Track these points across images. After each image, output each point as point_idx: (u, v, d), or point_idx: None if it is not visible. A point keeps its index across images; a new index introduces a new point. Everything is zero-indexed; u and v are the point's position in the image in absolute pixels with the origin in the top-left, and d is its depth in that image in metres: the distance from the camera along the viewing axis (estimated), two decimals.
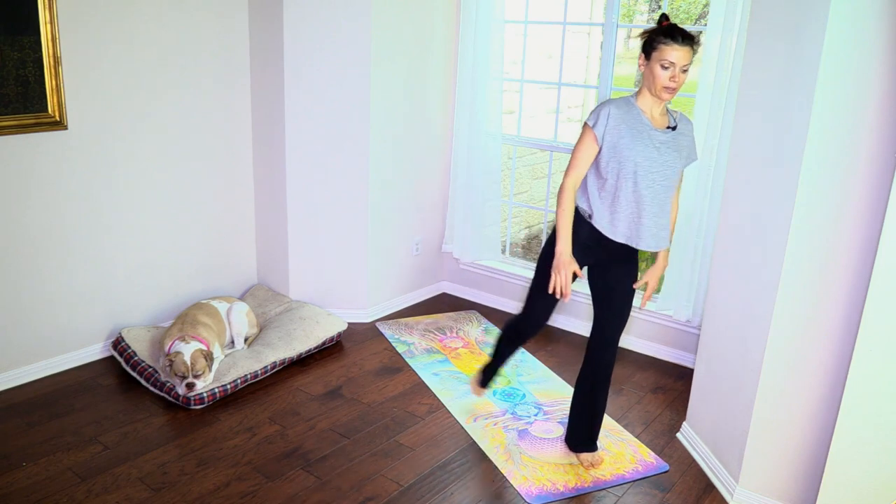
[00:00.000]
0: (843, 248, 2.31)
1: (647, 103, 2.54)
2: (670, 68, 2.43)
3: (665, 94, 2.47)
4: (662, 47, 2.43)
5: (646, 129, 2.52)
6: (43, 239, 3.30)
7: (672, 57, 2.41)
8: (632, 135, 2.50)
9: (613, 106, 2.53)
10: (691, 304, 3.70)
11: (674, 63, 2.42)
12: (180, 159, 3.75)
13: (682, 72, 2.44)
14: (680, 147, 2.58)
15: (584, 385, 2.86)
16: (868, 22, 2.14)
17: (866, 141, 2.21)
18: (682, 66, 2.43)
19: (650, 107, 2.54)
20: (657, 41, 2.44)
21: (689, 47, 2.43)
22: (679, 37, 2.41)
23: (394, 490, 2.72)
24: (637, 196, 2.54)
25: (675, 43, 2.41)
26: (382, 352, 3.84)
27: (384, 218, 4.16)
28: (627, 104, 2.54)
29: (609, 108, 2.52)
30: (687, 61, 2.43)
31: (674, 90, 2.46)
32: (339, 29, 3.74)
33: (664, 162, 2.53)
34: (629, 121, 2.51)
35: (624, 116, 2.51)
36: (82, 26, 3.23)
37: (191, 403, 3.16)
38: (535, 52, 5.69)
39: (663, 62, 2.43)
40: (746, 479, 2.67)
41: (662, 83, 2.45)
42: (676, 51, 2.41)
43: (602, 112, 2.52)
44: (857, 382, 2.22)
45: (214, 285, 4.06)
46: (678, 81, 2.44)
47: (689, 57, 2.43)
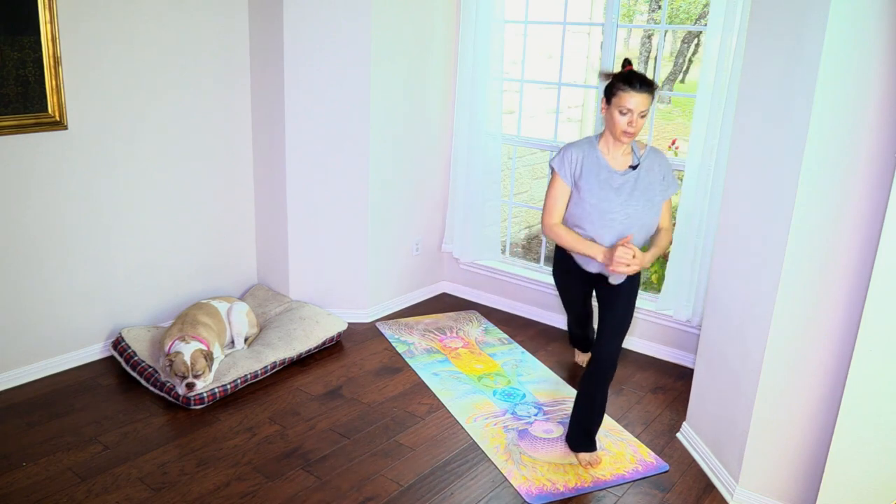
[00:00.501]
0: (843, 248, 2.31)
1: (608, 145, 2.71)
2: (628, 114, 2.57)
3: (624, 138, 2.62)
4: (621, 94, 2.57)
5: (604, 172, 2.69)
6: (43, 239, 3.30)
7: (630, 104, 2.56)
8: (589, 177, 2.69)
9: (575, 148, 2.72)
10: (691, 304, 3.70)
11: (631, 110, 2.56)
12: (180, 159, 3.75)
13: (640, 117, 2.58)
14: (643, 185, 2.71)
15: (586, 381, 2.89)
16: (868, 22, 2.14)
17: (866, 141, 2.21)
18: (640, 112, 2.57)
19: (611, 149, 2.71)
20: (617, 87, 2.58)
21: (646, 94, 2.56)
22: (637, 84, 2.54)
23: (394, 490, 2.72)
24: (600, 234, 2.71)
25: (632, 90, 2.55)
26: (382, 352, 3.84)
27: (384, 218, 4.16)
28: (590, 146, 2.72)
29: (571, 152, 2.71)
30: (645, 107, 2.57)
31: (632, 134, 2.61)
32: (339, 29, 3.74)
33: (622, 202, 2.68)
34: (588, 164, 2.69)
35: (584, 160, 2.70)
36: (82, 26, 3.23)
37: (191, 403, 3.16)
38: (535, 52, 5.69)
39: (622, 108, 2.57)
40: (746, 479, 2.67)
41: (621, 128, 2.60)
42: (634, 98, 2.55)
43: (566, 156, 2.72)
44: (857, 382, 2.22)
45: (214, 285, 4.07)
46: (636, 126, 2.59)
47: (647, 103, 2.57)
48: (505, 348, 3.94)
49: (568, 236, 2.76)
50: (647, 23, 9.29)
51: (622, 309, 2.85)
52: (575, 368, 3.76)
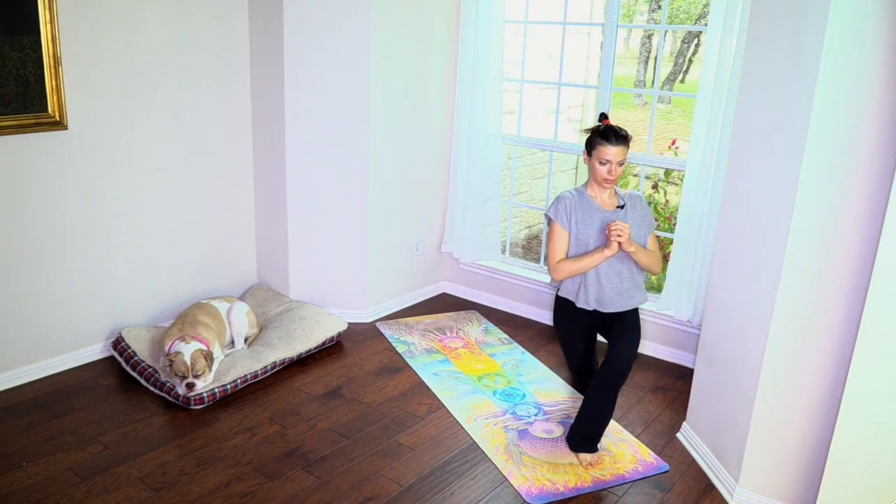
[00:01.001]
0: (843, 248, 2.31)
1: (595, 190, 3.06)
2: (607, 164, 2.92)
3: (605, 184, 2.98)
4: (599, 147, 2.92)
5: (596, 212, 3.02)
6: (43, 239, 3.30)
7: (608, 155, 2.91)
8: (583, 218, 3.02)
9: (567, 198, 3.05)
10: (692, 304, 3.70)
11: (609, 160, 2.91)
12: (180, 159, 3.75)
13: (619, 165, 2.92)
14: (632, 221, 3.05)
15: (597, 389, 2.92)
16: (868, 22, 2.14)
17: (866, 141, 2.21)
18: (618, 161, 2.92)
19: (598, 193, 3.06)
20: (596, 141, 2.93)
21: (622, 146, 2.90)
22: (613, 138, 2.89)
23: (394, 490, 2.72)
24: (594, 269, 3.02)
25: (609, 144, 2.90)
26: (382, 352, 3.84)
27: (384, 218, 4.16)
28: (580, 193, 3.07)
29: (564, 200, 3.05)
30: (622, 157, 2.91)
31: (612, 181, 2.96)
32: (339, 29, 3.74)
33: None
34: (581, 208, 3.03)
35: (577, 205, 3.03)
36: (82, 26, 3.23)
37: (191, 403, 3.16)
38: (535, 52, 5.68)
39: (601, 160, 2.92)
40: (746, 479, 2.67)
41: (602, 176, 2.95)
42: (611, 150, 2.90)
43: (560, 204, 3.05)
44: (857, 382, 2.22)
45: (214, 285, 4.07)
46: (615, 174, 2.94)
47: (623, 154, 2.91)
48: (505, 348, 3.94)
49: (575, 262, 3.03)
50: (647, 23, 9.29)
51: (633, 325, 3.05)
52: None
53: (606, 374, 2.90)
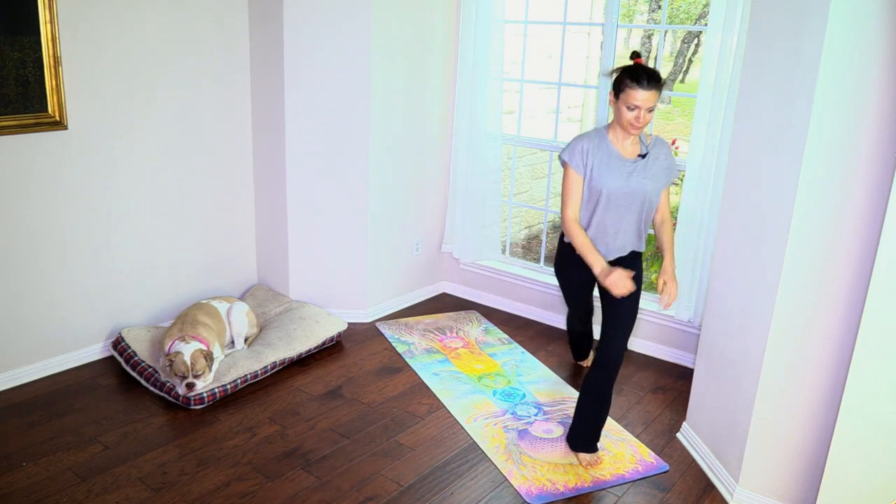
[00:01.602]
0: (843, 248, 2.31)
1: (617, 136, 2.76)
2: (635, 110, 2.62)
3: (632, 131, 2.68)
4: (629, 90, 2.60)
5: (615, 160, 2.75)
6: (43, 239, 3.30)
7: (637, 100, 2.60)
8: (601, 165, 2.74)
9: (585, 140, 2.76)
10: (692, 304, 3.70)
11: (639, 106, 2.61)
12: (180, 159, 3.75)
13: (648, 111, 2.62)
14: (651, 172, 2.78)
15: (589, 383, 2.88)
16: (868, 22, 2.14)
17: (866, 141, 2.21)
18: (648, 108, 2.61)
19: (620, 139, 2.76)
20: (625, 83, 2.61)
21: (654, 90, 2.60)
22: (644, 81, 2.58)
23: (394, 490, 2.72)
24: (604, 217, 2.80)
25: (640, 87, 2.58)
26: (382, 352, 3.84)
27: (384, 218, 4.16)
28: (599, 137, 2.77)
29: (581, 143, 2.75)
30: (652, 103, 2.61)
31: (639, 128, 2.66)
32: (338, 29, 3.74)
33: (633, 189, 2.76)
34: (600, 153, 2.75)
35: (595, 150, 2.75)
36: (82, 26, 3.23)
37: (191, 403, 3.16)
38: (535, 52, 5.68)
39: (629, 104, 2.61)
40: (746, 479, 2.67)
41: (628, 122, 2.65)
42: (641, 94, 2.59)
43: (575, 147, 2.76)
44: (857, 382, 2.22)
45: (214, 285, 4.07)
46: (643, 121, 2.64)
47: (654, 99, 2.61)
48: (505, 348, 3.94)
49: (580, 238, 2.80)
50: (647, 23, 9.29)
51: (627, 308, 2.85)
52: (575, 368, 3.76)
53: (598, 372, 2.85)
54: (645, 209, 2.83)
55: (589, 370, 2.92)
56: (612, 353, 2.83)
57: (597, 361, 2.87)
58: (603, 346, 2.86)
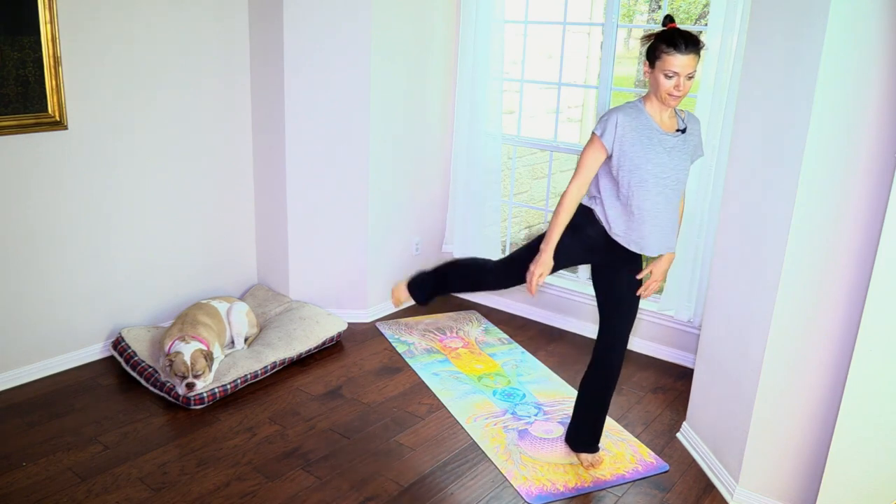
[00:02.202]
0: (843, 248, 2.31)
1: (655, 108, 2.52)
2: (674, 77, 2.40)
3: (671, 102, 2.45)
4: (665, 57, 2.39)
5: (656, 134, 2.49)
6: (43, 239, 3.30)
7: (675, 66, 2.38)
8: (642, 142, 2.47)
9: (622, 113, 2.49)
10: (692, 304, 3.70)
11: (677, 73, 2.39)
12: (180, 159, 3.75)
13: (688, 79, 2.41)
14: (689, 149, 2.58)
15: (590, 384, 2.85)
16: (868, 22, 2.14)
17: (866, 141, 2.21)
18: (688, 74, 2.40)
19: (659, 112, 2.52)
20: (660, 49, 2.40)
21: (693, 55, 2.38)
22: (682, 45, 2.36)
23: (394, 490, 2.72)
24: (649, 203, 2.52)
25: (677, 52, 2.37)
26: (382, 352, 3.84)
27: (384, 218, 4.16)
28: (636, 110, 2.50)
29: (617, 117, 2.48)
30: (692, 69, 2.39)
31: (679, 97, 2.44)
32: (338, 29, 3.74)
33: (674, 166, 2.52)
34: (639, 128, 2.48)
35: (633, 123, 2.48)
36: (82, 26, 3.23)
37: (191, 403, 3.16)
38: (535, 52, 5.68)
39: (667, 72, 2.40)
40: (746, 479, 2.67)
41: (667, 91, 2.42)
42: (679, 59, 2.37)
43: (610, 121, 2.48)
44: (857, 382, 2.22)
45: (214, 285, 4.06)
46: (683, 90, 2.42)
47: (693, 64, 2.39)
48: (505, 348, 3.94)
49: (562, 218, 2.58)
50: (647, 23, 9.29)
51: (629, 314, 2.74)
52: (575, 369, 3.74)
53: (600, 377, 2.80)
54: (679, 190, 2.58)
55: (587, 372, 2.87)
56: (615, 359, 2.78)
57: (596, 361, 2.83)
58: (604, 351, 2.78)
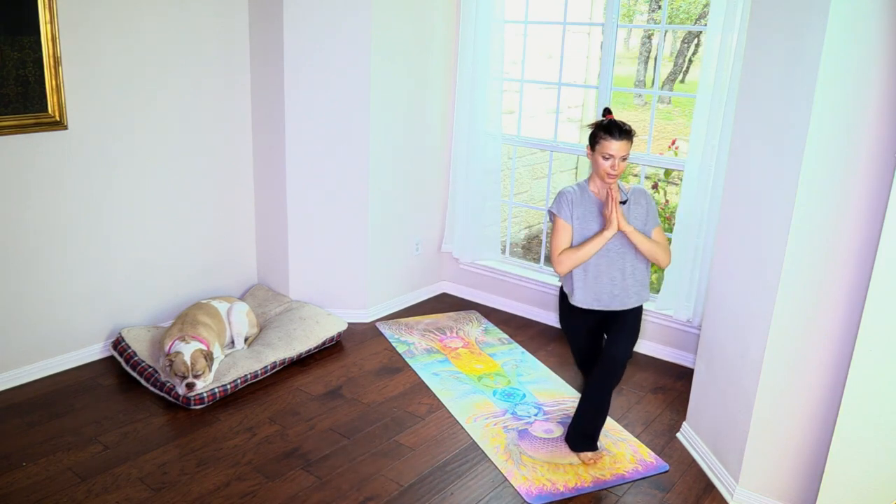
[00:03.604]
0: (843, 248, 2.31)
1: (597, 185, 2.90)
2: (610, 159, 2.78)
3: (609, 179, 2.82)
4: (602, 142, 2.78)
5: (596, 207, 2.89)
6: (43, 239, 3.30)
7: (611, 150, 2.76)
8: (584, 215, 2.89)
9: (570, 192, 2.92)
10: (692, 304, 3.70)
11: (613, 155, 2.76)
12: (180, 159, 3.75)
13: (622, 160, 2.79)
14: (633, 215, 2.89)
15: (593, 386, 2.90)
16: (868, 22, 2.14)
17: (866, 141, 2.21)
18: (621, 157, 2.78)
19: (600, 188, 2.89)
20: (599, 136, 2.80)
21: (626, 141, 2.77)
22: (616, 133, 2.75)
23: (394, 490, 2.72)
24: (598, 264, 2.88)
25: (612, 139, 2.75)
26: (382, 352, 3.84)
27: (384, 218, 4.16)
28: (581, 189, 2.92)
29: (566, 195, 2.92)
30: (625, 152, 2.77)
31: (615, 176, 2.81)
32: (338, 29, 3.74)
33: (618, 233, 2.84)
34: (583, 203, 2.90)
35: (579, 200, 2.90)
36: (82, 26, 3.23)
37: (191, 403, 3.16)
38: (535, 52, 5.68)
39: (604, 154, 2.78)
40: (746, 479, 2.67)
41: (605, 171, 2.79)
42: (614, 145, 2.75)
43: (562, 199, 2.92)
44: (857, 382, 2.22)
45: (214, 285, 4.07)
46: (618, 169, 2.80)
47: (626, 148, 2.78)
48: (505, 348, 3.94)
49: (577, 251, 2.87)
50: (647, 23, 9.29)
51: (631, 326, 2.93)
52: (575, 369, 3.75)
53: (599, 374, 2.89)
54: (633, 253, 2.90)
55: (592, 370, 2.94)
56: (617, 356, 2.85)
57: (599, 364, 2.88)
58: (609, 348, 2.88)
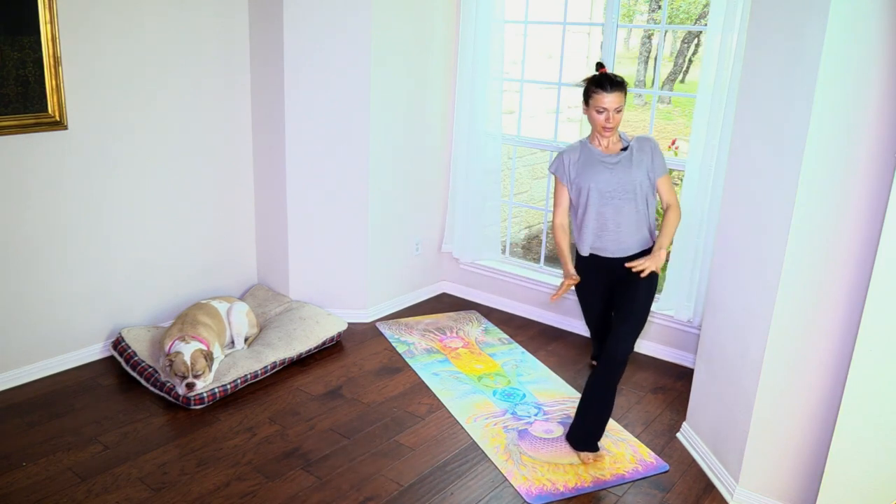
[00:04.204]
0: (843, 248, 2.31)
1: (597, 139, 2.93)
2: (604, 112, 2.80)
3: (605, 133, 2.85)
4: (595, 96, 2.80)
5: (597, 158, 2.90)
6: (43, 239, 3.30)
7: (604, 103, 2.78)
8: (585, 168, 2.91)
9: (569, 151, 2.96)
10: (692, 304, 3.70)
11: (606, 108, 2.79)
12: (180, 159, 3.75)
13: (617, 112, 2.80)
14: (636, 162, 2.88)
15: (596, 384, 2.89)
16: (868, 21, 2.14)
17: (866, 141, 2.21)
18: (616, 109, 2.79)
19: (600, 141, 2.92)
20: (591, 90, 2.81)
21: (618, 92, 2.78)
22: (608, 85, 2.77)
23: (394, 490, 2.72)
24: (598, 213, 2.90)
25: (604, 91, 2.77)
26: (382, 352, 3.84)
27: (384, 218, 4.16)
28: (581, 145, 2.95)
29: (565, 156, 2.95)
30: (618, 104, 2.79)
31: (611, 129, 2.83)
32: (339, 29, 3.74)
33: (619, 179, 2.87)
34: (583, 158, 2.93)
35: (578, 156, 2.93)
36: (82, 26, 3.23)
37: (191, 403, 3.16)
38: (535, 52, 5.68)
39: (597, 108, 2.80)
40: (746, 479, 2.67)
41: (601, 124, 2.82)
42: (607, 97, 2.77)
43: (561, 161, 2.95)
44: (857, 382, 2.22)
45: (214, 285, 4.06)
46: (613, 122, 2.81)
47: (620, 100, 2.79)
48: (505, 348, 3.94)
49: (561, 243, 3.03)
50: (647, 23, 9.29)
51: (639, 308, 2.90)
52: (575, 368, 3.75)
53: (602, 371, 2.87)
54: (641, 200, 2.90)
55: (594, 369, 2.94)
56: (619, 353, 2.84)
57: (603, 360, 2.87)
58: (610, 344, 2.86)
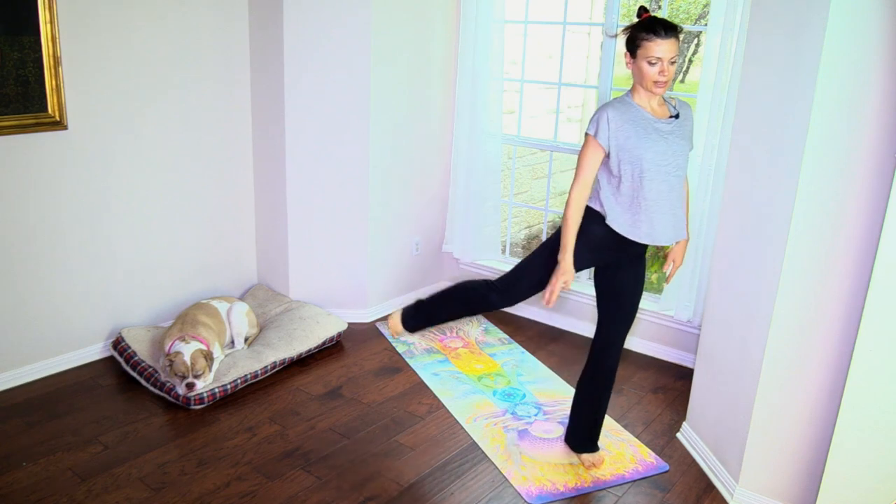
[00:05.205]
0: (843, 247, 2.31)
1: (643, 98, 2.51)
2: (658, 63, 2.40)
3: (657, 89, 2.44)
4: (646, 44, 2.39)
5: (650, 123, 2.48)
6: (43, 239, 3.30)
7: (658, 52, 2.38)
8: (637, 133, 2.46)
9: (611, 109, 2.48)
10: (692, 303, 3.70)
11: (661, 58, 2.38)
12: (180, 159, 3.75)
13: (671, 63, 2.40)
14: (685, 133, 2.56)
15: (587, 385, 2.85)
16: (868, 21, 2.14)
17: (866, 141, 2.21)
18: (670, 59, 2.39)
19: (647, 101, 2.51)
20: (640, 38, 2.40)
21: (673, 38, 2.38)
22: (661, 30, 2.36)
23: (394, 490, 2.72)
24: (653, 192, 2.49)
25: (658, 38, 2.37)
26: (382, 352, 3.84)
27: (384, 218, 4.16)
28: (625, 104, 2.50)
29: (607, 113, 2.47)
30: (673, 53, 2.38)
31: (665, 83, 2.43)
32: (339, 29, 3.74)
33: (674, 152, 2.50)
34: (631, 120, 2.47)
35: (624, 117, 2.47)
36: (82, 26, 3.23)
37: (191, 403, 3.16)
38: (535, 52, 5.68)
39: (650, 59, 2.40)
40: (746, 479, 2.67)
41: (653, 78, 2.42)
42: (661, 45, 2.37)
43: (601, 118, 2.47)
44: (857, 382, 2.22)
45: (214, 285, 4.06)
46: (668, 74, 2.41)
47: (675, 48, 2.38)
48: (505, 348, 3.94)
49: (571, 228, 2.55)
50: None
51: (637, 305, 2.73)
52: (576, 369, 3.74)
53: (599, 375, 2.79)
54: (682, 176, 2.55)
55: (583, 373, 2.87)
56: (612, 360, 2.77)
57: (592, 360, 2.81)
58: (601, 352, 2.77)
